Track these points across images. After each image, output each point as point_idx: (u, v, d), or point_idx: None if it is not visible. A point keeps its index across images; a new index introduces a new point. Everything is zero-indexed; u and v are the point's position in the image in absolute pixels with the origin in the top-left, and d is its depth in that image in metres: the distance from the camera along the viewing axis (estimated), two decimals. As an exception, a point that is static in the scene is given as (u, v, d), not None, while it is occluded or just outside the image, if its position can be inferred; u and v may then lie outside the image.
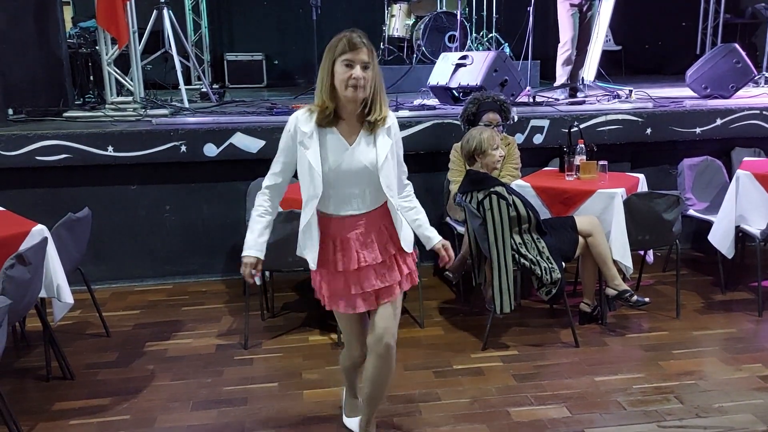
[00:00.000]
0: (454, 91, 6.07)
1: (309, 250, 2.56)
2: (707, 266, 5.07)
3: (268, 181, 2.60)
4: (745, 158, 4.97)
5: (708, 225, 4.58)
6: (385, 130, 2.52)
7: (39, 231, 3.43)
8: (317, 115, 2.46)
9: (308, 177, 2.48)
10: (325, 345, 3.96)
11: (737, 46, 6.17)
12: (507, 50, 8.42)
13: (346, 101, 2.43)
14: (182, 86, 6.10)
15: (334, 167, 2.46)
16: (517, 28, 7.90)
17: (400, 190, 2.66)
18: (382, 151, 2.49)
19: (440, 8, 8.52)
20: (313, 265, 2.57)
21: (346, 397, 3.09)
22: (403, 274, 2.62)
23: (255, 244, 2.57)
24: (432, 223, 2.77)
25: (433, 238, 2.71)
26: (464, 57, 6.03)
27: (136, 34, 5.93)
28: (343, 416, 3.10)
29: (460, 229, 4.29)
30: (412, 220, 2.70)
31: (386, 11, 8.83)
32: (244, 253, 2.57)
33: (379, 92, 2.46)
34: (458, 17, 7.74)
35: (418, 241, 2.72)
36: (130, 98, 5.93)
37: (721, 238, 4.41)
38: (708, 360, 3.67)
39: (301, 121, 2.48)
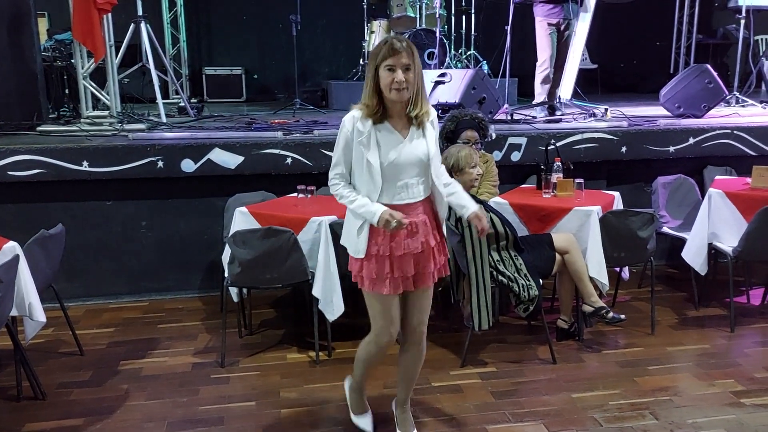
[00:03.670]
0: (432, 109, 6.10)
1: (360, 240, 2.73)
2: (681, 282, 5.13)
3: (335, 171, 2.75)
4: (717, 177, 5.06)
5: (682, 242, 4.65)
6: (431, 123, 2.75)
7: (10, 248, 3.38)
8: (368, 114, 2.65)
9: (366, 173, 2.66)
10: (303, 363, 3.93)
11: (709, 66, 6.29)
12: (485, 68, 8.51)
13: (391, 102, 2.63)
14: (159, 100, 6.06)
15: (391, 161, 2.66)
16: (496, 45, 8.00)
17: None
18: (432, 143, 2.73)
19: (420, 25, 8.60)
20: (361, 254, 2.74)
21: (353, 394, 3.16)
22: (437, 266, 2.83)
23: (373, 205, 2.66)
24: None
25: (469, 207, 2.88)
26: (443, 74, 6.08)
27: (113, 48, 5.90)
28: (351, 415, 3.15)
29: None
30: (449, 193, 2.89)
31: (366, 27, 8.89)
32: (376, 218, 2.63)
33: (420, 89, 2.66)
34: (437, 35, 7.81)
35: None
36: (106, 112, 5.88)
37: (695, 255, 4.48)
38: (682, 376, 3.71)
39: (358, 120, 2.66)
